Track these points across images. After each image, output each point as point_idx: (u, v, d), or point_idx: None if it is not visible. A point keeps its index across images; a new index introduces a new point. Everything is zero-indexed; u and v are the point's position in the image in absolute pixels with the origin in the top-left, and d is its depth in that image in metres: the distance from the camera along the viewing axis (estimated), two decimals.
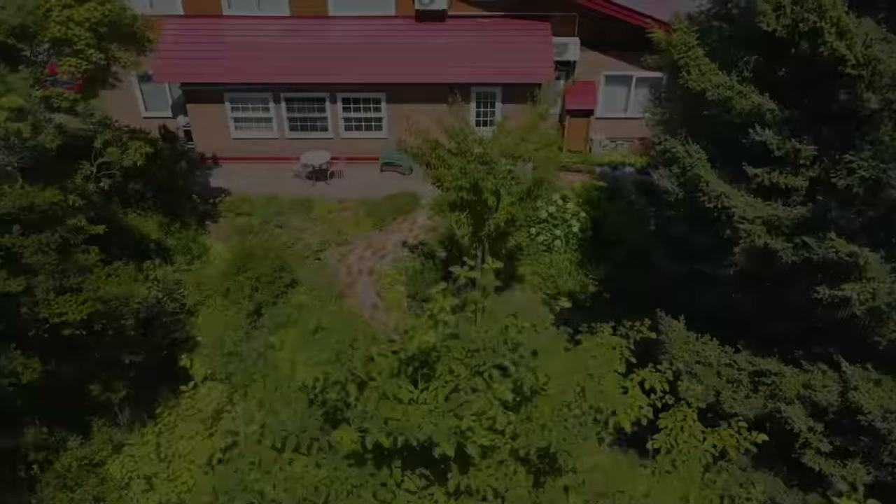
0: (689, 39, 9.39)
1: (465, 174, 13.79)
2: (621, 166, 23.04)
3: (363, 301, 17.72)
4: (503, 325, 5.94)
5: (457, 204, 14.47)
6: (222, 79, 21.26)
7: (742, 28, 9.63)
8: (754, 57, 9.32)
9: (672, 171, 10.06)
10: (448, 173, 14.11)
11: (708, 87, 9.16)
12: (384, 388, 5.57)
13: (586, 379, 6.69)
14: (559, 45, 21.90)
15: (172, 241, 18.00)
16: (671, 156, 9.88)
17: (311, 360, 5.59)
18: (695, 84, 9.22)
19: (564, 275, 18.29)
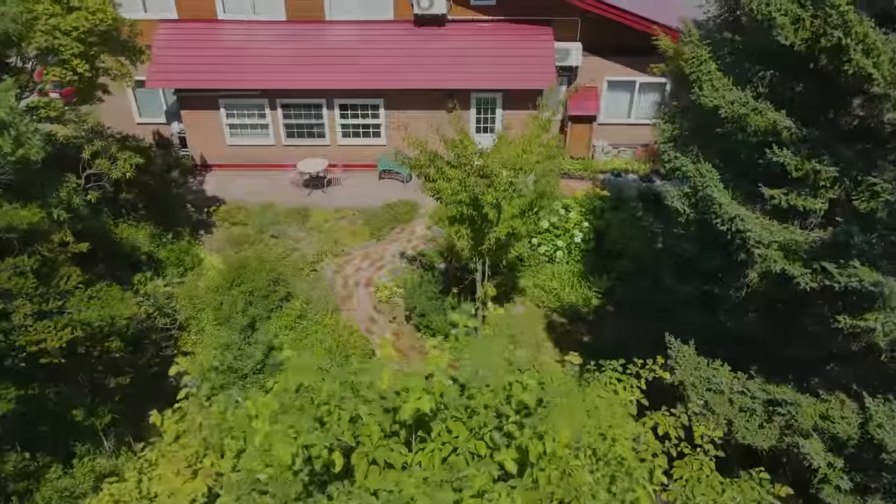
0: (702, 53, 8.83)
1: (465, 188, 13.23)
2: (624, 173, 22.50)
3: (359, 314, 17.17)
4: (507, 382, 5.35)
5: (456, 218, 13.92)
6: (216, 85, 20.70)
7: (756, 40, 9.07)
8: (770, 72, 8.76)
9: (682, 191, 9.50)
10: (447, 186, 13.55)
11: (721, 104, 8.60)
12: (374, 455, 5.02)
13: (598, 440, 6.09)
14: (561, 51, 21.35)
15: (164, 253, 17.45)
16: (682, 174, 9.32)
17: (291, 430, 5.02)
18: (707, 100, 8.67)
19: (567, 287, 17.73)
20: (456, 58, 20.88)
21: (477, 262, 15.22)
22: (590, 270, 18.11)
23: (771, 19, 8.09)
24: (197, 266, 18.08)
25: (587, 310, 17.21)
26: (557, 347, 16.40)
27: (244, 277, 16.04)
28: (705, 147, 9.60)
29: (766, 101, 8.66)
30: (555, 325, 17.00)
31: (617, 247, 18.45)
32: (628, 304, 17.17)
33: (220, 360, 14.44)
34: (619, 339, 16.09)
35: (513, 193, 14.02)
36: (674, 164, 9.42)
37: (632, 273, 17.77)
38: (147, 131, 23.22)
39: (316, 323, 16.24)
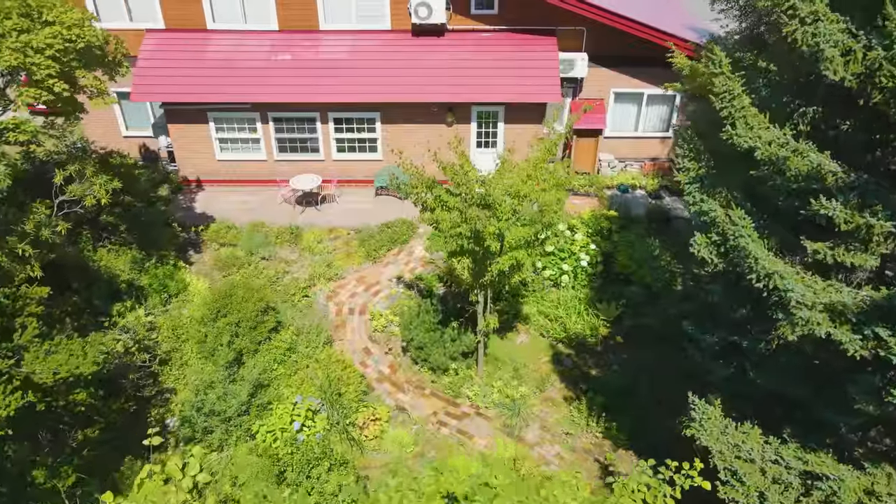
0: (734, 86, 7.69)
1: (466, 219, 12.11)
2: (631, 189, 21.37)
3: (353, 345, 16.05)
4: None
5: (456, 251, 12.80)
6: (204, 98, 19.56)
7: (795, 72, 7.95)
8: (813, 108, 7.64)
9: (709, 238, 8.38)
10: (447, 217, 12.42)
11: (758, 145, 7.48)
12: None
13: None
14: (566, 61, 20.23)
15: (147, 280, 16.32)
16: (710, 220, 8.20)
17: None
18: (741, 140, 7.55)
19: (573, 314, 16.61)
20: (456, 69, 19.74)
21: (478, 294, 14.11)
22: (597, 297, 16.99)
23: (818, 52, 6.96)
24: (182, 291, 16.95)
25: (594, 340, 16.09)
26: (564, 382, 15.28)
27: (230, 308, 14.91)
28: (736, 189, 8.48)
29: (807, 140, 7.52)
30: (560, 356, 15.87)
31: (625, 271, 17.34)
32: (638, 336, 16.07)
33: (203, 400, 13.32)
34: (628, 374, 15.02)
35: (516, 222, 12.92)
36: (700, 207, 8.30)
37: (641, 301, 16.69)
38: (134, 145, 22.19)
39: (307, 357, 15.12)
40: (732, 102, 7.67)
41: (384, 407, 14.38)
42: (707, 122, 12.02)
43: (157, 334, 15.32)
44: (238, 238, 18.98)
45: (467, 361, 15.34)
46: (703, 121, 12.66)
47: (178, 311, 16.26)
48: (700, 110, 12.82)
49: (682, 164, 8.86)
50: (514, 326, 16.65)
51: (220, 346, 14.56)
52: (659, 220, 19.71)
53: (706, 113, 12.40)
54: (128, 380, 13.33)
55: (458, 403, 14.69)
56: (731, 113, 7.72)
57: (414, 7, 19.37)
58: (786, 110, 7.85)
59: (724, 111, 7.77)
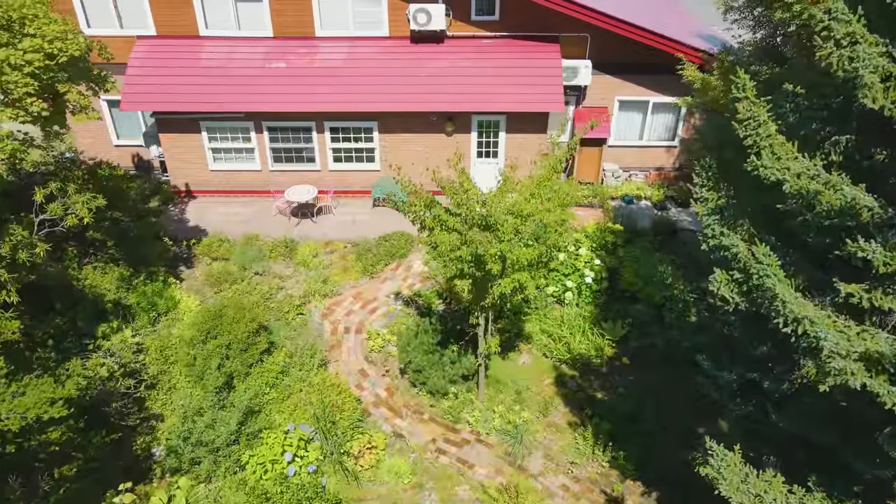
0: (759, 112, 6.98)
1: (466, 243, 11.41)
2: (636, 200, 20.67)
3: (349, 366, 15.36)
4: None
5: (456, 275, 12.10)
6: (197, 108, 18.86)
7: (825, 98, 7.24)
8: (846, 137, 6.93)
9: (729, 275, 7.67)
10: (446, 238, 11.72)
11: (787, 177, 6.77)
12: None
13: None
14: (569, 69, 19.50)
15: (135, 298, 15.61)
16: (731, 255, 7.50)
17: None
18: (768, 172, 6.84)
19: (577, 333, 15.90)
20: (455, 77, 19.02)
21: (479, 316, 13.42)
22: (602, 315, 16.30)
23: (855, 77, 6.26)
24: (172, 309, 16.25)
25: (599, 361, 15.39)
26: (568, 406, 14.59)
27: (220, 329, 14.22)
28: (759, 222, 7.78)
29: (840, 171, 6.82)
30: (564, 378, 15.18)
31: (631, 288, 16.64)
32: (644, 356, 15.39)
33: (190, 429, 12.63)
34: (635, 398, 14.33)
35: (519, 243, 12.21)
36: (719, 241, 7.58)
37: (648, 320, 16.00)
38: (126, 154, 21.51)
39: (300, 380, 14.42)
40: (758, 130, 6.95)
41: (381, 434, 13.69)
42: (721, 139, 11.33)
43: (145, 356, 14.62)
44: (231, 252, 18.28)
45: (467, 384, 14.65)
46: (715, 137, 11.98)
47: (168, 331, 15.57)
48: (713, 126, 12.12)
49: (699, 193, 8.15)
50: (517, 346, 15.96)
51: (209, 369, 13.88)
52: (665, 233, 19.00)
53: (720, 129, 11.72)
54: (111, 407, 12.61)
55: (457, 429, 14.01)
56: (756, 141, 7.01)
57: (412, 13, 18.66)
58: (816, 138, 7.15)
59: (748, 139, 7.06)
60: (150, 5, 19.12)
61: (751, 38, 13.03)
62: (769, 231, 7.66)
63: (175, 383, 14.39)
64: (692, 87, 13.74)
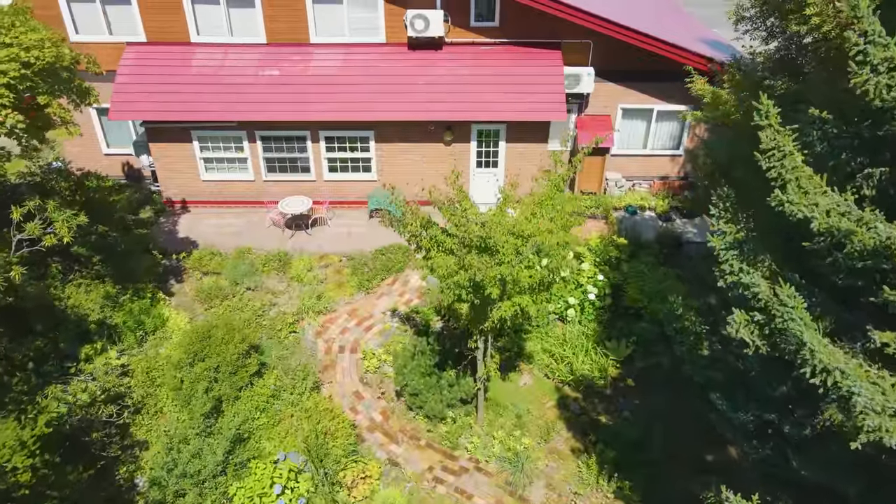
0: (785, 143, 6.31)
1: (464, 267, 10.75)
2: (640, 210, 20.00)
3: (343, 388, 14.70)
4: None
5: (454, 301, 11.42)
6: (187, 117, 18.19)
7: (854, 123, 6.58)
8: (880, 169, 6.27)
9: (748, 316, 7.01)
10: (443, 262, 11.06)
11: (815, 214, 6.11)
12: None
13: None
14: (571, 76, 18.84)
15: (121, 317, 14.96)
16: (751, 295, 6.84)
17: None
18: (794, 208, 6.19)
19: (580, 353, 15.25)
20: (454, 85, 18.35)
21: (478, 339, 12.77)
22: (605, 333, 15.65)
23: (894, 107, 5.60)
24: (160, 328, 15.61)
25: (603, 383, 14.74)
26: (571, 431, 13.94)
27: (209, 351, 13.56)
28: (782, 259, 7.12)
29: (873, 207, 6.16)
30: (567, 400, 14.53)
31: (636, 305, 15.99)
32: (650, 377, 14.75)
33: (175, 459, 11.97)
34: (640, 423, 13.68)
35: (520, 265, 11.54)
36: (739, 279, 6.93)
37: (653, 338, 15.35)
38: (116, 162, 20.85)
39: (291, 404, 13.77)
40: (783, 162, 6.29)
41: (375, 462, 13.04)
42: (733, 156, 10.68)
43: (131, 378, 13.97)
44: (223, 266, 17.62)
45: (466, 408, 14.00)
46: (726, 153, 11.31)
47: (155, 351, 14.93)
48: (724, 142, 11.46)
49: (716, 225, 7.48)
50: (517, 366, 15.30)
51: (196, 393, 13.22)
52: (670, 246, 18.34)
53: (732, 146, 11.05)
54: (91, 438, 11.96)
55: (455, 456, 13.35)
56: (780, 174, 6.35)
57: (410, 19, 17.99)
58: (846, 169, 6.49)
59: (771, 171, 6.39)
60: (139, 11, 18.44)
61: (763, 49, 12.34)
62: (793, 267, 7.00)
63: (162, 407, 13.74)
64: (701, 101, 13.07)
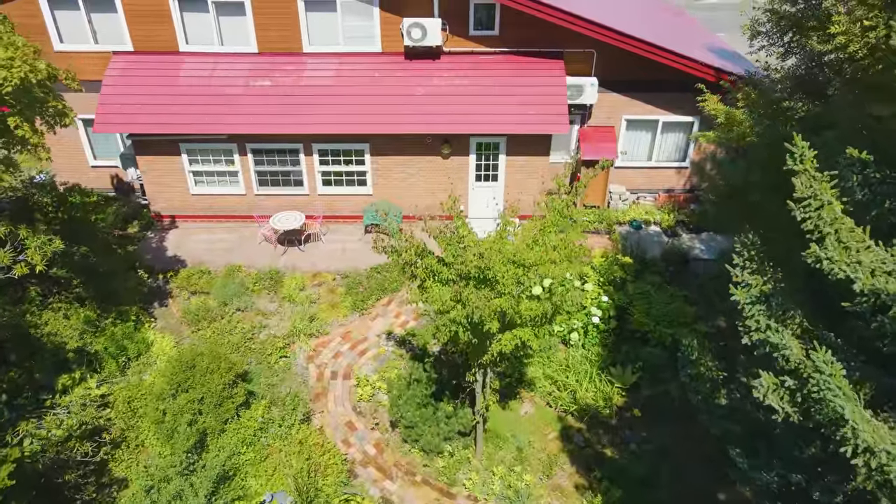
0: (822, 190, 5.52)
1: (462, 303, 9.96)
2: (645, 224, 19.20)
3: (335, 418, 13.90)
4: None
5: (451, 339, 10.61)
6: (175, 129, 17.37)
7: None
8: None
9: (776, 380, 6.21)
10: (439, 292, 10.27)
11: (858, 275, 5.32)
12: None
13: None
14: (574, 87, 18.04)
15: (102, 343, 14.17)
16: (781, 357, 6.05)
17: None
18: (835, 267, 5.39)
19: (584, 380, 14.46)
20: (452, 97, 17.53)
21: (476, 373, 11.98)
22: (610, 359, 14.86)
23: None
24: (144, 353, 14.83)
25: (608, 412, 13.95)
26: (575, 465, 13.15)
27: (193, 381, 12.78)
28: (811, 309, 6.32)
29: None
30: (570, 431, 13.74)
31: (642, 328, 15.20)
32: (657, 406, 13.97)
33: (155, 501, 11.19)
34: (647, 457, 12.91)
35: (521, 295, 10.75)
36: (766, 337, 6.13)
37: (660, 364, 14.57)
38: (104, 175, 20.04)
39: (280, 438, 12.98)
40: (820, 213, 5.49)
41: (369, 500, 12.25)
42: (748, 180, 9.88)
43: (111, 409, 13.19)
44: (211, 285, 16.83)
45: (464, 441, 13.21)
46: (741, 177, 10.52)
47: (138, 378, 14.15)
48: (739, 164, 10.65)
49: (740, 276, 6.67)
50: (518, 393, 14.51)
51: (180, 427, 12.44)
52: (676, 263, 17.56)
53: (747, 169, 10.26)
54: (65, 479, 11.17)
55: (453, 494, 12.55)
56: (817, 226, 5.55)
57: (406, 28, 17.18)
58: (892, 219, 5.69)
59: (807, 223, 5.59)
60: (126, 19, 17.63)
61: (779, 66, 11.53)
62: (827, 324, 6.20)
63: (143, 440, 12.96)
64: (713, 118, 12.26)
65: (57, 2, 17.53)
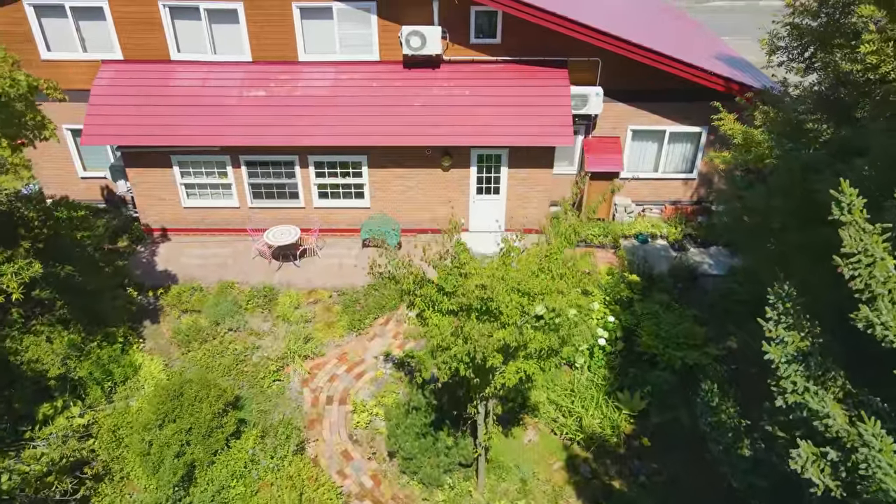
0: (874, 244, 4.81)
1: (463, 339, 9.26)
2: (651, 238, 18.50)
3: (330, 447, 13.20)
4: None
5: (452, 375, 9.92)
6: (166, 141, 16.66)
7: None
8: None
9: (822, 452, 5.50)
10: (439, 325, 9.58)
11: None
12: None
13: None
14: (578, 97, 17.32)
15: (86, 369, 13.46)
16: (822, 426, 5.35)
17: None
18: (889, 333, 4.69)
19: (590, 405, 13.77)
20: (453, 107, 16.82)
21: (478, 405, 11.29)
22: (617, 383, 14.17)
23: None
24: (132, 377, 14.13)
25: (616, 440, 13.25)
26: (581, 498, 12.46)
27: (180, 411, 12.08)
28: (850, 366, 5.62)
29: None
30: (576, 461, 13.03)
31: (650, 350, 14.51)
32: (667, 435, 13.28)
33: None
34: (658, 490, 12.22)
35: (526, 325, 10.06)
36: (805, 401, 5.44)
37: (670, 389, 13.88)
38: (94, 186, 19.33)
39: (272, 471, 12.28)
40: (871, 270, 4.79)
41: None
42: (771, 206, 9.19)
43: (94, 440, 12.50)
44: (203, 303, 16.13)
45: (465, 472, 12.52)
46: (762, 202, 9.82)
47: (125, 404, 13.46)
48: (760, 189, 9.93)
49: (773, 331, 5.96)
50: (521, 419, 13.81)
51: (166, 459, 11.74)
52: (685, 280, 16.85)
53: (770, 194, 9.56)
54: None
55: None
56: (868, 285, 4.85)
57: (405, 36, 16.47)
58: None
59: (856, 282, 4.89)
60: (115, 27, 16.92)
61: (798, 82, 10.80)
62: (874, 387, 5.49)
63: (128, 472, 12.26)
64: (729, 138, 11.54)
65: (44, 9, 16.80)
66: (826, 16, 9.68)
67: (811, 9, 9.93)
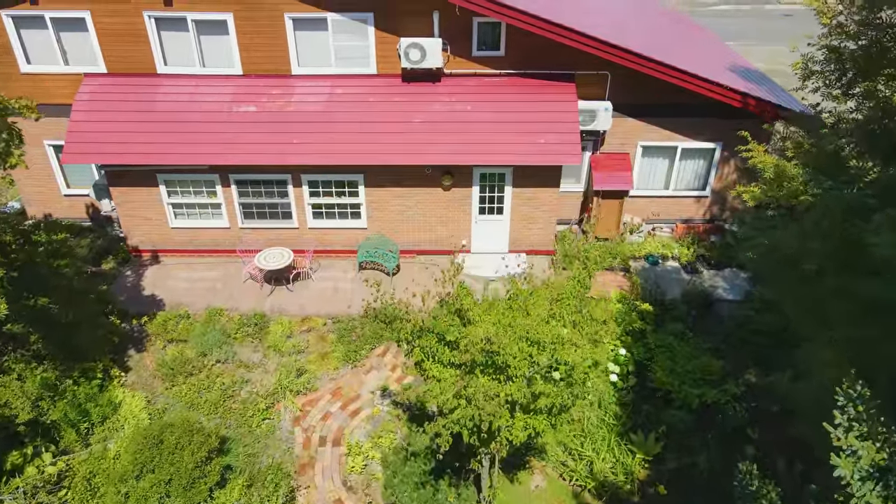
0: None
1: (468, 401, 8.21)
2: (662, 259, 17.44)
3: (323, 496, 12.14)
4: None
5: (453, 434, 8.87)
6: (152, 159, 15.59)
7: None
8: None
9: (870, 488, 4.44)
10: (440, 381, 8.55)
11: None
12: None
13: None
14: (586, 112, 16.27)
15: (60, 410, 12.41)
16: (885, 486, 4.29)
17: None
18: None
19: (602, 448, 12.73)
20: (454, 123, 15.74)
21: (482, 458, 10.25)
22: (630, 423, 13.12)
23: None
24: (111, 416, 13.09)
25: (630, 487, 12.21)
26: None
27: (160, 460, 11.03)
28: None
29: None
30: None
31: (664, 387, 13.47)
32: (685, 482, 12.23)
33: None
34: None
35: (535, 376, 9.03)
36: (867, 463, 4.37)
37: (686, 429, 12.84)
38: (78, 204, 18.26)
39: None
40: None
41: None
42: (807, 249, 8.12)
43: (67, 490, 11.45)
44: (190, 331, 15.07)
45: None
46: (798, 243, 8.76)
47: (102, 447, 12.40)
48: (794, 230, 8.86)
49: (842, 440, 4.89)
50: (528, 463, 12.76)
51: None
52: (699, 306, 15.79)
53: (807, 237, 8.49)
54: None
55: None
56: None
57: (404, 49, 15.39)
58: None
59: None
60: (98, 39, 15.84)
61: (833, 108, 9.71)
62: None
63: None
64: (759, 174, 10.44)
65: (23, 20, 15.73)
66: (869, 39, 8.61)
67: (850, 31, 8.84)
